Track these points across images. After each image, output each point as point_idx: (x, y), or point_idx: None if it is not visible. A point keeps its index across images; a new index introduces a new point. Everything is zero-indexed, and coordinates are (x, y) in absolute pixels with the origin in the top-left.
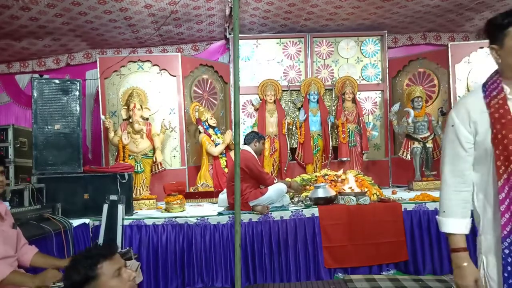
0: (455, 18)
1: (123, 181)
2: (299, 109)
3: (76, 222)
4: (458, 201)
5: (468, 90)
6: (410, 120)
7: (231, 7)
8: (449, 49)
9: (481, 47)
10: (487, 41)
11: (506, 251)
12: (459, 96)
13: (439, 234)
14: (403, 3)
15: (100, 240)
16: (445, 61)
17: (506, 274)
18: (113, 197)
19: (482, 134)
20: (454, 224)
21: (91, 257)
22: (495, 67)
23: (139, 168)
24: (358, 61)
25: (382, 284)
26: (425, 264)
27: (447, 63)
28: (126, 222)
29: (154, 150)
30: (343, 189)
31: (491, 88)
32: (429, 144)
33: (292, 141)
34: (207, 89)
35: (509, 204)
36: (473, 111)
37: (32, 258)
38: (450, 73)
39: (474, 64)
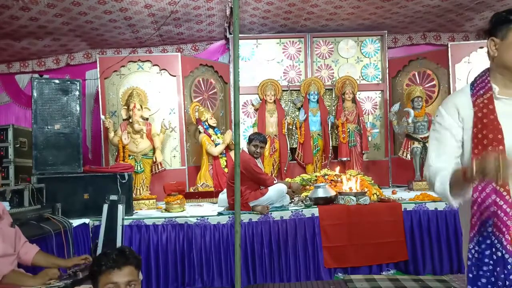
0: (455, 18)
1: (123, 181)
2: (299, 109)
3: (76, 222)
4: (447, 168)
5: None
6: (410, 120)
7: (231, 7)
8: (449, 49)
9: (481, 47)
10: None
11: (473, 251)
12: None
13: (439, 234)
14: (403, 3)
15: (100, 240)
16: (445, 61)
17: (470, 275)
18: (113, 197)
19: (467, 131)
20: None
21: (104, 259)
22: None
23: (139, 168)
24: (358, 61)
25: (382, 284)
26: (425, 264)
27: (447, 63)
28: (126, 222)
29: (154, 150)
30: (344, 189)
31: (479, 87)
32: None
33: (292, 141)
34: (207, 89)
35: (479, 204)
36: (462, 108)
37: (34, 257)
38: (450, 73)
39: (474, 64)
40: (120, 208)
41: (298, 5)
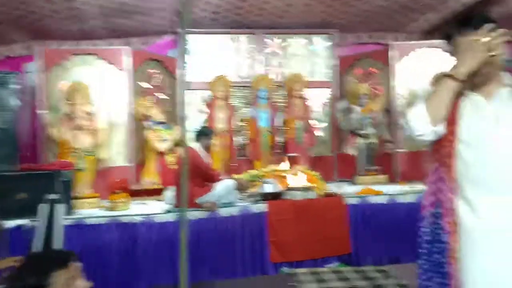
0: (401, 19)
1: (64, 179)
2: (249, 105)
3: (12, 223)
4: None
5: (409, 89)
6: (355, 117)
7: (181, 1)
8: (392, 49)
9: (422, 47)
10: (429, 41)
11: (423, 230)
12: (400, 94)
13: (381, 227)
14: (352, 3)
15: (38, 242)
16: (388, 60)
17: (420, 250)
18: (53, 196)
19: None
20: None
21: (45, 263)
22: (437, 66)
23: (81, 166)
24: (308, 58)
25: (326, 277)
26: (366, 256)
27: (390, 62)
28: (67, 222)
29: (97, 146)
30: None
31: None
32: (373, 140)
33: (241, 137)
34: (155, 84)
35: (430, 189)
36: None
37: None
38: (393, 71)
39: (416, 63)
40: (60, 207)
41: (249, 1)
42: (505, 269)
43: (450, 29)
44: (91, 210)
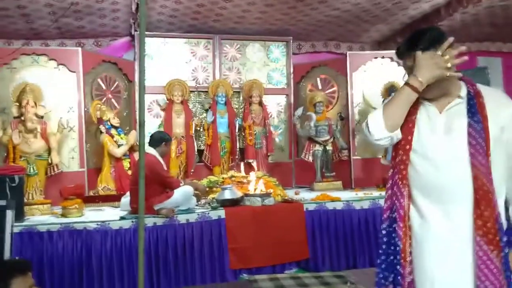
0: (353, 29)
1: (13, 184)
2: (206, 110)
3: None
4: None
5: (364, 97)
6: (312, 124)
7: (137, 3)
8: (348, 58)
9: (376, 57)
10: (382, 52)
11: (383, 232)
12: (356, 102)
13: (337, 232)
14: (307, 12)
15: None
16: (344, 68)
17: (380, 251)
18: (1, 202)
19: None
20: None
21: (4, 271)
22: (389, 76)
23: (31, 171)
24: (264, 65)
25: (285, 283)
26: (324, 261)
27: (345, 71)
28: (16, 230)
29: (49, 150)
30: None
31: None
32: (329, 147)
33: (200, 142)
34: (110, 87)
35: (389, 194)
36: None
37: None
38: (348, 80)
39: (369, 73)
40: (9, 214)
41: (207, 6)
42: (450, 276)
43: (408, 44)
44: (43, 217)
